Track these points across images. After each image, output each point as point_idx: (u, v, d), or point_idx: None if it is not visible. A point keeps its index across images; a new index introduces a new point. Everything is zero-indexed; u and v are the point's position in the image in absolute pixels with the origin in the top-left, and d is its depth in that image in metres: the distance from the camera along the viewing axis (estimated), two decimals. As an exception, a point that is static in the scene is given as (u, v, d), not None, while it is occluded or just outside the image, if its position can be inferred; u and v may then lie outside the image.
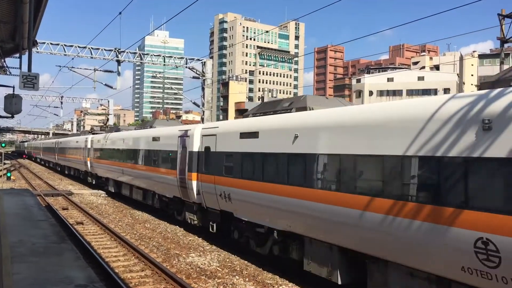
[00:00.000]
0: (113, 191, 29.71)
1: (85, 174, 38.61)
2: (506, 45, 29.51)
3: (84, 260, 10.11)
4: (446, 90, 79.67)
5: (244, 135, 13.70)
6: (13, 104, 15.63)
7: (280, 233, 12.16)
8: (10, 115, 17.07)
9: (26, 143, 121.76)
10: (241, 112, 70.37)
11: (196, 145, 17.08)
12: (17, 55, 19.29)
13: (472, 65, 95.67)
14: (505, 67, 31.30)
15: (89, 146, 35.72)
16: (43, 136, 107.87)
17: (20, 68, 18.48)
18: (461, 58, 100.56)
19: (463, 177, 7.30)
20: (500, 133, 6.82)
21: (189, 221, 17.90)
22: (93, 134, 40.33)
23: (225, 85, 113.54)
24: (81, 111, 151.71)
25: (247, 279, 12.03)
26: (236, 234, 14.82)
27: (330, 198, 9.99)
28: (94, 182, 35.68)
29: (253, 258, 13.98)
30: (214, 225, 15.87)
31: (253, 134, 13.19)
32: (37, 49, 31.07)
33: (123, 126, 36.56)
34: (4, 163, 54.96)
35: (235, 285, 11.48)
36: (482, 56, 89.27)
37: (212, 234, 16.43)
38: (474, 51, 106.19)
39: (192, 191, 16.94)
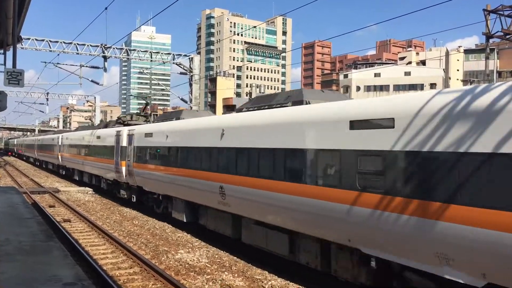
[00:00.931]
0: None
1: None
2: (491, 40, 29.82)
3: (72, 258, 10.03)
4: (433, 85, 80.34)
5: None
6: (-3, 101, 15.42)
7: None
8: (-6, 112, 16.84)
9: (15, 140, 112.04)
10: (229, 108, 70.20)
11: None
12: (1, 51, 19.02)
13: (458, 60, 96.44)
14: (491, 62, 31.61)
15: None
16: (36, 132, 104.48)
17: (5, 64, 18.24)
18: (447, 54, 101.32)
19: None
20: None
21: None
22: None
23: (213, 81, 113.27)
24: (67, 108, 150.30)
25: (236, 275, 12.04)
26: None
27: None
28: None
29: (242, 254, 14.00)
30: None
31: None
32: (22, 45, 30.70)
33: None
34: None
35: (224, 281, 11.48)
36: (467, 51, 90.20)
37: (201, 231, 16.66)
38: (459, 46, 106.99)
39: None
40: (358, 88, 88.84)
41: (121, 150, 23.75)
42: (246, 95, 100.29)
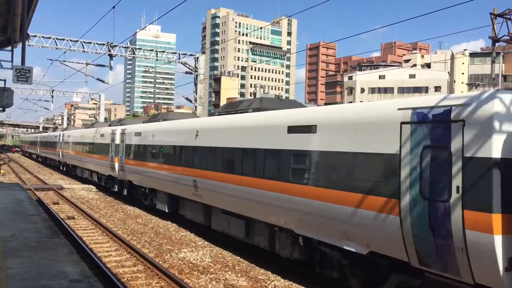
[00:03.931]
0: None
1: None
2: (497, 44, 29.78)
3: (77, 255, 10.09)
4: (437, 88, 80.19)
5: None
6: (4, 98, 15.54)
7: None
8: (1, 109, 16.96)
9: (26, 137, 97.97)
10: (233, 108, 70.13)
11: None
12: (9, 48, 19.14)
13: (463, 63, 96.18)
14: (496, 65, 31.55)
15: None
16: (41, 129, 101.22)
17: (12, 61, 18.35)
18: (452, 57, 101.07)
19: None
20: None
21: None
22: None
23: (217, 80, 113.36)
24: (72, 105, 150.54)
25: (239, 275, 12.07)
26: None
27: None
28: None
29: (245, 254, 14.03)
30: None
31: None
32: (29, 42, 30.82)
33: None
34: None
35: (228, 281, 11.52)
36: (473, 55, 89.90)
37: (205, 230, 16.74)
38: (465, 50, 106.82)
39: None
40: (362, 90, 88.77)
41: (115, 147, 25.48)
42: (250, 95, 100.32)
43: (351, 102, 76.27)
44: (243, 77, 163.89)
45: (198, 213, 16.60)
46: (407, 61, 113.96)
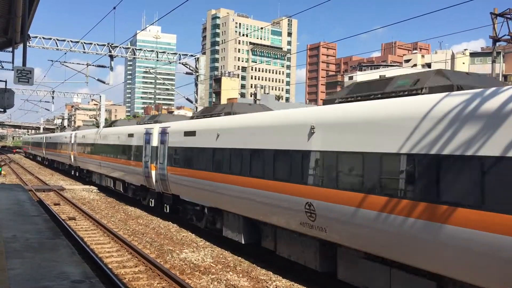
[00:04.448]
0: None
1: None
2: (497, 44, 29.78)
3: (79, 256, 10.10)
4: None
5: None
6: (5, 99, 15.56)
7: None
8: (2, 110, 16.98)
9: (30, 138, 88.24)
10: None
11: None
12: (10, 49, 19.17)
13: (464, 63, 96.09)
14: (497, 65, 31.55)
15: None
16: (41, 130, 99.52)
17: (13, 62, 18.37)
18: (453, 57, 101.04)
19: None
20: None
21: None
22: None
23: (218, 81, 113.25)
24: (72, 106, 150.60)
25: (240, 275, 12.08)
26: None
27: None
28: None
29: (246, 254, 14.04)
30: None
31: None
32: (29, 43, 30.81)
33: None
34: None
35: (229, 281, 11.52)
36: (473, 55, 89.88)
37: (205, 230, 16.59)
38: (465, 49, 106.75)
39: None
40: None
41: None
42: (251, 96, 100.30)
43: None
44: (243, 78, 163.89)
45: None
46: (407, 61, 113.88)
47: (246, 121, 14.01)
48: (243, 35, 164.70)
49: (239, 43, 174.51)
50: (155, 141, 20.29)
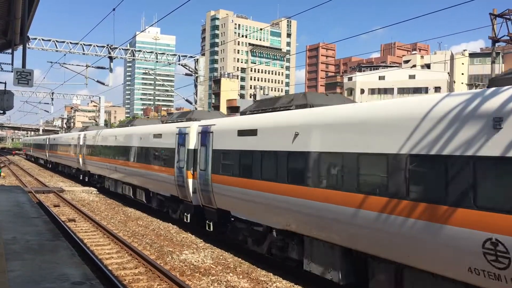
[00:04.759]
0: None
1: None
2: (496, 44, 29.81)
3: (79, 258, 10.08)
4: (437, 89, 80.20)
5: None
6: (4, 100, 15.55)
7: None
8: (1, 111, 16.97)
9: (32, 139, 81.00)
10: (233, 110, 70.25)
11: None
12: (9, 51, 19.17)
13: (463, 64, 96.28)
14: (496, 66, 31.57)
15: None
16: (41, 131, 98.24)
17: (12, 64, 18.36)
18: (452, 57, 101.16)
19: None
20: None
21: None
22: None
23: (217, 82, 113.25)
24: (72, 108, 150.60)
25: (241, 276, 12.07)
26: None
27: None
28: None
29: (246, 255, 14.02)
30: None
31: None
32: (29, 45, 30.83)
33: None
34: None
35: (229, 282, 11.51)
36: (472, 55, 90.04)
37: (205, 231, 16.40)
38: (464, 50, 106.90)
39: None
40: (362, 91, 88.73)
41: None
42: (250, 97, 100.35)
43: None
44: (242, 79, 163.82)
45: None
46: (406, 61, 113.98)
47: (352, 114, 10.01)
48: (242, 36, 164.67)
49: (238, 44, 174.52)
50: (192, 143, 16.93)
